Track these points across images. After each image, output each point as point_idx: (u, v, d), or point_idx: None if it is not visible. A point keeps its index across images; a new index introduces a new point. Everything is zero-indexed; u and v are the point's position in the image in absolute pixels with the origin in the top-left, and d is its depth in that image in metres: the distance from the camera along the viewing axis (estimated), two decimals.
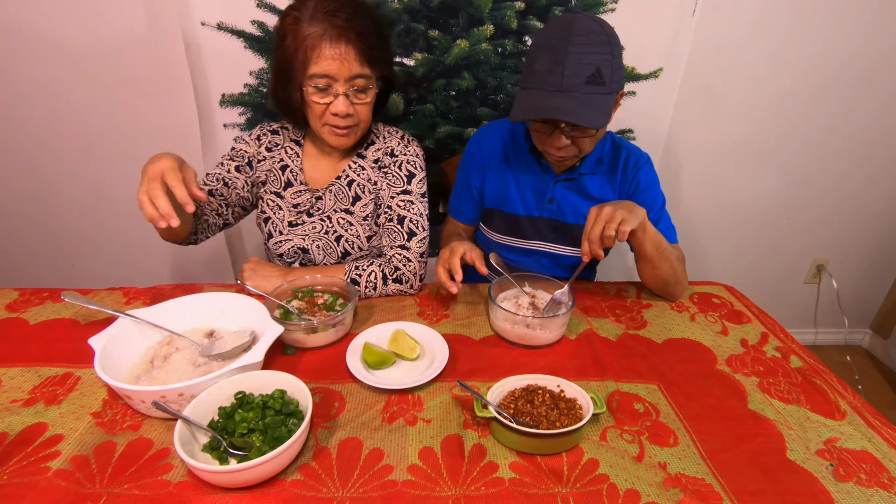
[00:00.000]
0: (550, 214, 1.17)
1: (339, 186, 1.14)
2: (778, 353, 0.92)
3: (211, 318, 0.92)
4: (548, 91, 0.91)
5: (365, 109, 1.03)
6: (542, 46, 0.93)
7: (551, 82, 0.90)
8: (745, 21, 1.52)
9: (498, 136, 1.20)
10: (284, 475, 0.66)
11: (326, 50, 0.93)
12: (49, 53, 1.50)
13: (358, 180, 1.14)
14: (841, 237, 1.96)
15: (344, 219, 1.14)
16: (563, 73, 0.89)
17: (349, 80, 0.97)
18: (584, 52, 0.89)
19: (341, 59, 0.94)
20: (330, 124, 1.02)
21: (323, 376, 0.84)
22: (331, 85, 0.97)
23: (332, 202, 1.14)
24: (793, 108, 1.67)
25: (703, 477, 0.67)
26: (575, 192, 1.15)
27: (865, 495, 0.65)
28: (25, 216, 1.79)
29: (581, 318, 1.00)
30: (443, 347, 0.87)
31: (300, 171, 1.15)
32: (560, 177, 1.14)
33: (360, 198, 1.14)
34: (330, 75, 0.95)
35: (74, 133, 1.63)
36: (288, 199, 1.15)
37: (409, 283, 1.08)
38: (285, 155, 1.16)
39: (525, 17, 1.44)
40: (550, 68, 0.90)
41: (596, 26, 0.91)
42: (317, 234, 1.14)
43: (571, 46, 0.89)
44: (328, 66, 0.94)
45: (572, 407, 0.73)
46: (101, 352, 0.75)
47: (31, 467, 0.66)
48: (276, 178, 1.15)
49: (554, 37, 0.91)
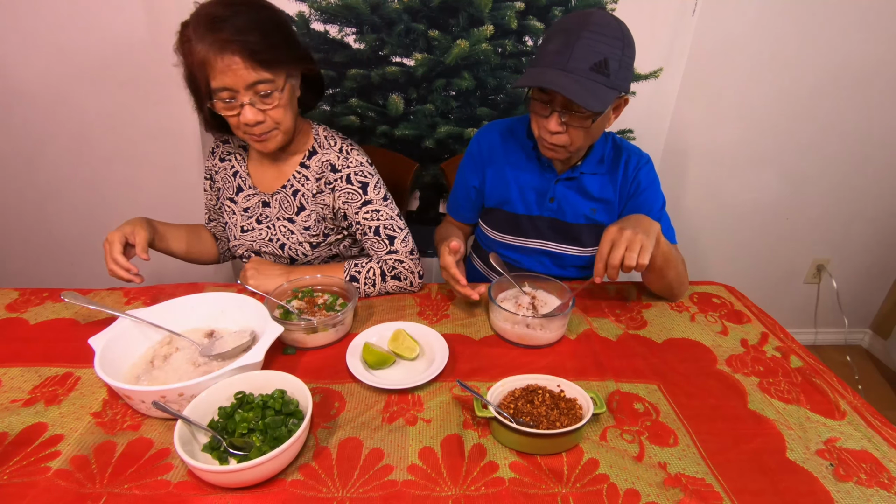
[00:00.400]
0: (551, 213, 1.17)
1: (285, 195, 1.15)
2: (778, 353, 0.92)
3: (211, 318, 0.92)
4: (552, 69, 0.93)
5: (278, 113, 1.00)
6: (558, 30, 0.95)
7: (558, 62, 0.92)
8: (744, 21, 1.52)
9: (498, 134, 1.20)
10: (284, 475, 0.66)
11: (216, 64, 0.92)
12: (49, 54, 1.50)
13: (303, 190, 1.14)
14: (841, 237, 1.96)
15: (286, 227, 1.15)
16: (570, 54, 0.91)
17: (249, 87, 0.95)
18: (596, 41, 0.91)
19: (231, 70, 0.92)
20: (247, 133, 1.02)
21: (323, 376, 0.84)
22: (234, 97, 0.96)
23: (277, 210, 1.16)
24: (792, 107, 1.67)
25: (702, 477, 0.67)
26: (576, 191, 1.15)
27: (865, 495, 0.65)
28: (25, 216, 1.79)
29: (581, 318, 1.00)
30: (443, 347, 0.87)
31: (247, 175, 1.18)
32: (561, 176, 1.14)
33: (304, 208, 1.14)
34: (228, 87, 0.94)
35: (74, 133, 1.63)
36: (240, 204, 1.18)
37: (408, 280, 1.09)
38: (235, 161, 1.19)
39: (525, 17, 1.44)
40: (560, 49, 0.92)
41: (614, 22, 0.93)
42: (263, 240, 1.17)
43: (585, 32, 0.91)
44: (223, 80, 0.93)
45: (572, 407, 0.73)
46: (101, 352, 0.75)
47: (32, 467, 0.66)
48: (230, 184, 1.19)
49: (571, 22, 0.94)
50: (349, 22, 1.44)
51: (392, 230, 1.12)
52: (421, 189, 1.72)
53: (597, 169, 1.13)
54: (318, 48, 1.47)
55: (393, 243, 1.11)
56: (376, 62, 1.50)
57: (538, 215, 1.17)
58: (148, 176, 1.72)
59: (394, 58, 1.49)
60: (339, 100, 1.55)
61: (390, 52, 1.48)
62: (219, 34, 0.91)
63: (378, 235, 1.12)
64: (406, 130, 1.60)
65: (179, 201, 1.76)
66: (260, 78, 0.95)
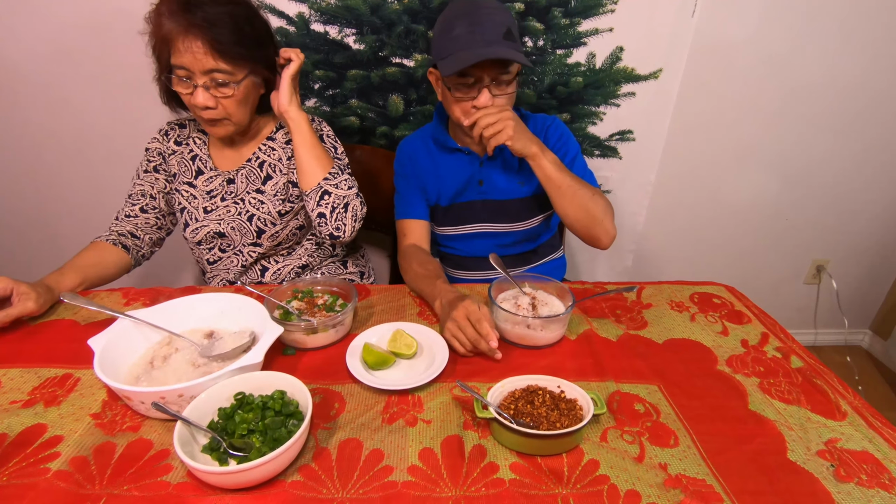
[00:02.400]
0: (482, 196, 1.22)
1: (251, 168, 1.17)
2: (778, 353, 0.92)
3: (210, 318, 0.92)
4: (472, 50, 0.98)
5: (231, 104, 1.03)
6: (454, 17, 1.01)
7: (473, 41, 0.98)
8: (744, 22, 1.52)
9: (415, 142, 1.26)
10: (284, 476, 0.65)
11: (179, 43, 0.96)
12: (49, 53, 1.50)
13: (269, 160, 1.17)
14: (841, 238, 1.96)
15: (255, 198, 1.16)
16: (482, 32, 0.98)
17: (206, 73, 0.98)
18: (495, 15, 0.99)
19: (191, 53, 0.96)
20: (198, 115, 1.05)
21: (323, 377, 0.83)
22: (190, 77, 0.99)
23: (245, 185, 1.17)
24: (792, 108, 1.67)
25: (703, 478, 0.66)
26: (500, 168, 1.20)
27: (866, 496, 0.65)
28: (25, 216, 1.79)
29: (581, 319, 1.00)
30: (443, 348, 0.87)
31: (208, 157, 1.19)
32: (483, 158, 1.19)
33: (271, 177, 1.17)
34: (185, 67, 0.98)
35: (74, 133, 1.63)
36: (200, 187, 1.18)
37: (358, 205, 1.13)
38: (194, 145, 1.20)
39: (525, 18, 1.44)
40: (469, 29, 0.98)
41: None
42: (231, 216, 1.17)
43: (481, 10, 0.99)
44: (182, 59, 0.97)
45: (572, 408, 0.73)
46: (100, 353, 0.75)
47: (31, 468, 0.66)
48: (187, 168, 1.19)
49: (462, 8, 1.01)
50: (349, 23, 1.44)
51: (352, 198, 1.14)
52: None
53: None
54: (318, 49, 1.47)
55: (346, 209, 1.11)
56: (376, 63, 1.49)
57: (471, 201, 1.22)
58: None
59: (394, 59, 1.49)
60: (339, 101, 1.55)
61: (390, 52, 1.48)
62: (189, 17, 0.95)
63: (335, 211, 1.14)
64: (406, 131, 1.60)
65: None
66: (218, 67, 0.98)
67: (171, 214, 1.25)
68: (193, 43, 0.95)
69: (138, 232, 1.19)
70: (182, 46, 0.96)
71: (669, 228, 1.87)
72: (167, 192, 1.21)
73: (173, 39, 0.96)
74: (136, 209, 1.20)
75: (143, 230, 1.20)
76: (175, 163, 1.19)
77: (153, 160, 1.20)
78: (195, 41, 0.95)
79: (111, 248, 1.14)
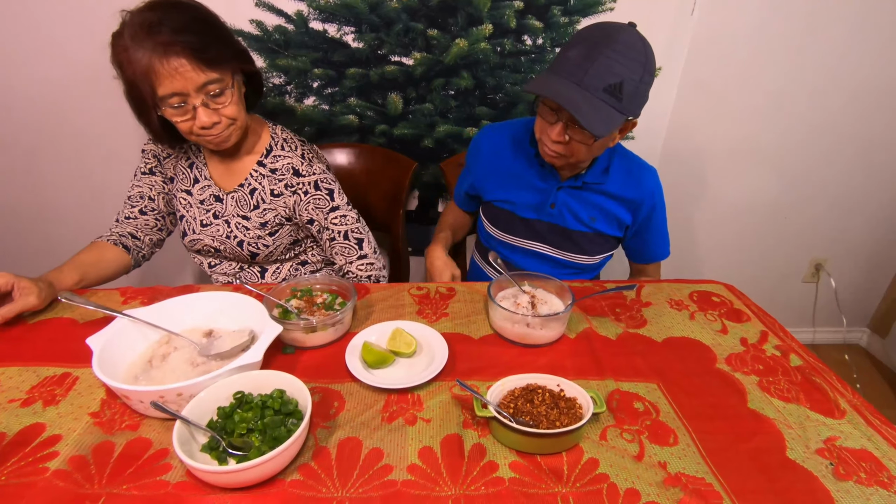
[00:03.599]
0: (551, 219, 1.17)
1: (243, 194, 1.14)
2: (778, 351, 0.92)
3: (209, 317, 0.91)
4: (567, 80, 0.91)
5: (232, 110, 0.99)
6: (583, 38, 0.93)
7: (574, 74, 0.90)
8: (743, 20, 1.52)
9: (502, 136, 1.20)
10: (284, 475, 0.65)
11: (161, 69, 0.89)
12: (48, 53, 1.49)
13: (259, 189, 1.14)
14: (839, 236, 1.96)
15: (241, 224, 1.14)
16: (588, 70, 0.89)
17: (199, 89, 0.93)
18: (616, 61, 0.89)
19: (179, 74, 0.89)
20: (201, 136, 1.00)
21: (322, 376, 0.83)
22: (185, 101, 0.93)
23: (232, 207, 1.15)
24: (791, 107, 1.67)
25: (702, 476, 0.67)
26: (577, 199, 1.15)
27: (865, 494, 0.65)
28: (23, 216, 1.78)
29: (581, 317, 1.00)
30: (442, 346, 0.87)
31: (204, 165, 1.16)
32: (564, 183, 1.14)
33: (258, 206, 1.14)
34: (178, 92, 0.91)
35: (73, 133, 1.63)
36: (196, 195, 1.16)
37: (380, 276, 1.21)
38: (190, 152, 1.17)
39: (524, 16, 1.44)
40: (580, 62, 0.90)
41: (640, 45, 0.91)
42: (222, 237, 1.16)
43: (608, 50, 0.89)
44: (171, 85, 0.90)
45: (572, 406, 0.73)
46: (99, 352, 0.75)
47: (29, 468, 0.66)
48: (185, 175, 1.17)
49: (597, 34, 0.91)
50: (348, 21, 1.44)
51: (358, 233, 1.18)
52: (420, 188, 1.72)
53: (601, 179, 1.13)
54: (317, 47, 1.47)
55: (362, 247, 1.19)
56: (375, 61, 1.49)
57: (537, 219, 1.17)
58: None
59: (392, 57, 1.49)
60: (338, 99, 1.54)
61: (389, 51, 1.48)
62: (158, 37, 0.88)
63: (347, 240, 1.18)
64: (405, 130, 1.60)
65: None
66: (209, 78, 0.93)
67: (170, 215, 1.24)
68: (178, 62, 0.89)
69: (138, 233, 1.19)
70: (166, 70, 0.89)
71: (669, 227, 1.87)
72: (165, 192, 1.20)
73: (154, 67, 0.89)
74: (136, 211, 1.19)
75: (142, 231, 1.20)
76: (171, 166, 1.17)
77: (149, 162, 1.18)
78: (179, 59, 0.89)
79: (111, 248, 1.14)
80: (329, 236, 1.18)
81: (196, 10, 0.96)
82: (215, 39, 0.95)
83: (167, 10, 0.91)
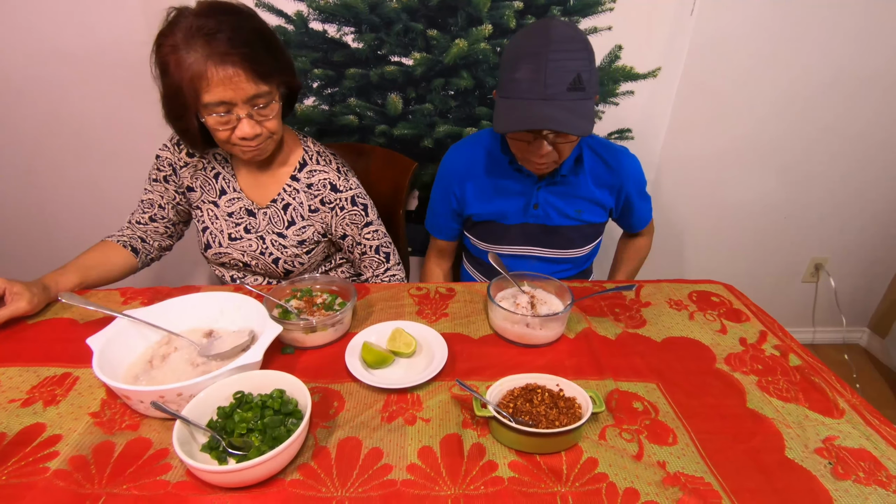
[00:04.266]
0: (536, 220, 1.18)
1: (276, 210, 1.12)
2: (777, 351, 0.92)
3: (209, 317, 0.92)
4: (531, 100, 0.91)
5: (274, 123, 0.98)
6: (522, 55, 0.92)
7: (534, 91, 0.90)
8: (743, 20, 1.52)
9: (471, 151, 1.21)
10: (283, 475, 0.65)
11: (213, 77, 0.87)
12: (47, 54, 1.49)
13: (294, 204, 1.12)
14: (839, 236, 1.96)
15: (277, 241, 1.13)
16: (545, 80, 0.89)
17: (248, 101, 0.91)
18: (565, 59, 0.89)
19: (232, 83, 0.88)
20: (238, 145, 0.98)
21: (322, 376, 0.83)
22: (230, 110, 0.92)
23: (266, 223, 1.13)
24: (791, 107, 1.67)
25: (701, 475, 0.67)
26: (558, 195, 1.16)
27: (864, 493, 0.65)
28: (23, 217, 1.79)
29: (580, 317, 1.00)
30: (442, 346, 0.87)
31: (232, 177, 1.13)
32: (542, 182, 1.14)
33: (294, 222, 1.12)
34: (226, 101, 0.90)
35: (72, 133, 1.63)
36: (223, 208, 1.13)
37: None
38: (215, 162, 1.13)
39: (524, 16, 1.44)
40: (532, 76, 0.90)
41: (573, 31, 0.92)
42: (254, 252, 1.13)
43: (552, 53, 0.89)
44: (222, 93, 0.88)
45: (571, 406, 0.73)
46: (99, 352, 0.75)
47: (30, 468, 0.66)
48: (211, 186, 1.13)
49: (533, 44, 0.91)
50: (348, 21, 1.44)
51: (387, 247, 1.21)
52: (420, 188, 1.72)
53: (576, 170, 1.13)
54: (317, 47, 1.47)
55: (388, 260, 1.21)
56: (375, 61, 1.49)
57: (523, 223, 1.18)
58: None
59: (392, 57, 1.49)
60: (338, 99, 1.55)
61: (389, 51, 1.48)
62: (215, 45, 0.86)
63: (377, 254, 1.19)
64: (405, 130, 1.60)
65: None
66: (259, 91, 0.92)
67: (180, 224, 1.23)
68: (234, 72, 0.87)
69: (147, 238, 1.19)
70: (218, 78, 0.87)
71: (668, 227, 1.87)
72: (176, 203, 1.18)
73: (205, 74, 0.86)
74: (146, 217, 1.18)
75: (152, 237, 1.20)
76: (188, 175, 1.14)
77: (163, 170, 1.14)
78: (235, 69, 0.87)
79: (119, 249, 1.13)
80: (361, 251, 1.18)
81: (254, 20, 0.94)
82: (270, 52, 0.94)
83: (226, 18, 0.89)
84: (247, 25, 0.91)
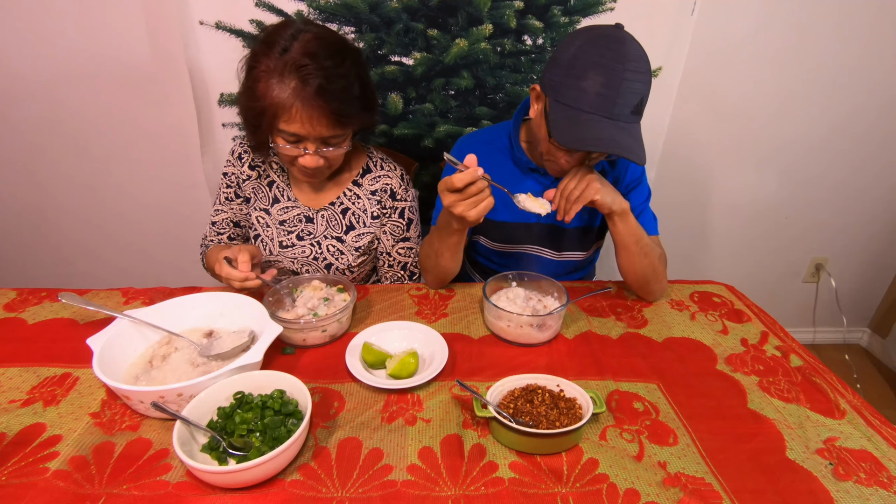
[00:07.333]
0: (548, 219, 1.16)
1: (333, 213, 1.11)
2: (778, 352, 0.92)
3: (210, 318, 0.92)
4: (599, 117, 0.86)
5: (337, 157, 1.00)
6: (593, 63, 0.85)
7: (604, 108, 0.86)
8: (744, 21, 1.52)
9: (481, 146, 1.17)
10: (284, 475, 0.65)
11: (296, 113, 0.88)
12: (47, 53, 1.49)
13: (353, 209, 1.11)
14: (840, 236, 1.96)
15: (334, 246, 1.11)
16: (616, 100, 0.85)
17: (320, 139, 0.94)
18: (635, 80, 0.85)
19: (312, 123, 0.90)
20: (298, 168, 0.99)
21: (322, 376, 0.83)
22: (301, 140, 0.94)
23: (324, 227, 1.12)
24: (791, 107, 1.67)
25: (702, 476, 0.67)
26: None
27: (865, 494, 0.65)
28: (23, 216, 1.79)
29: (581, 317, 1.00)
30: (442, 347, 0.87)
31: (287, 186, 1.13)
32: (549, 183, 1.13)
33: (353, 227, 1.12)
34: (298, 134, 0.92)
35: (72, 133, 1.63)
36: (275, 216, 1.12)
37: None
38: (271, 170, 1.13)
39: (524, 16, 1.44)
40: (605, 92, 0.85)
41: (643, 51, 0.88)
42: (306, 258, 1.12)
43: (628, 73, 0.84)
44: (298, 129, 0.90)
45: (572, 406, 0.73)
46: (99, 352, 0.75)
47: (30, 468, 0.66)
48: (264, 194, 1.13)
49: (607, 56, 0.85)
50: (348, 21, 1.44)
51: (414, 266, 1.18)
52: (420, 188, 1.72)
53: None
54: None
55: (411, 278, 1.18)
56: (375, 61, 1.49)
57: (532, 222, 1.17)
58: (147, 176, 1.71)
59: (393, 57, 1.49)
60: None
61: (389, 51, 1.48)
62: (307, 86, 0.87)
63: (403, 270, 1.17)
64: (405, 130, 1.60)
65: (178, 201, 1.76)
66: (334, 134, 0.93)
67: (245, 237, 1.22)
68: (315, 113, 0.88)
69: None
70: (300, 116, 0.88)
71: (669, 227, 1.86)
72: (245, 215, 1.17)
73: (289, 108, 0.88)
74: (224, 238, 1.17)
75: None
76: (250, 188, 1.14)
77: (232, 186, 1.14)
78: (319, 112, 0.88)
79: None
80: (388, 262, 1.16)
81: (353, 66, 0.93)
82: (357, 100, 0.94)
83: (327, 64, 0.89)
84: (344, 73, 0.91)
